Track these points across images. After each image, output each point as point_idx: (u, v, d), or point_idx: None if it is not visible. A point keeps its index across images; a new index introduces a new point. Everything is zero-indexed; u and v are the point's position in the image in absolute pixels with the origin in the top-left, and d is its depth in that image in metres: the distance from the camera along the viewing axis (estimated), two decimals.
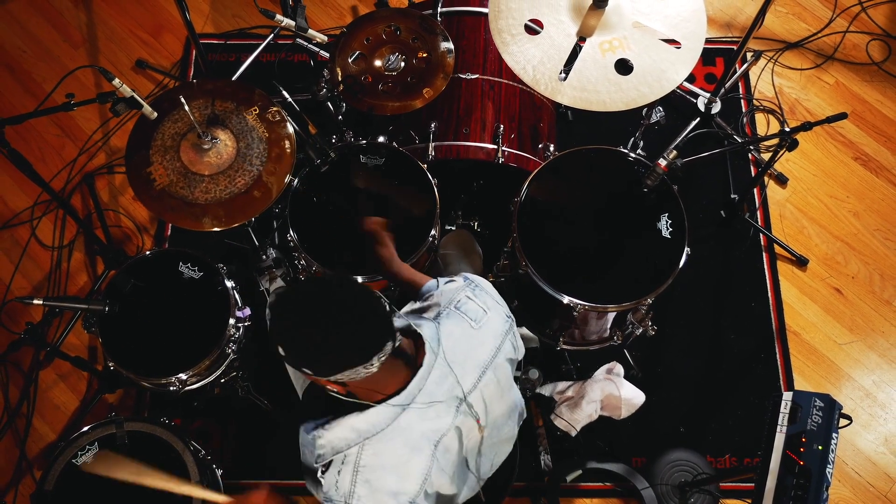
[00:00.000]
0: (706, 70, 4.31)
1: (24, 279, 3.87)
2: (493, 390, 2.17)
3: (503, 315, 2.23)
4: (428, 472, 2.03)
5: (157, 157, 2.88)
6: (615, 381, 3.34)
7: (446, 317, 2.15)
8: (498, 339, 2.19)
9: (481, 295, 2.22)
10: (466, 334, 2.14)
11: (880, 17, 4.42)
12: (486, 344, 2.16)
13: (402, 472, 2.01)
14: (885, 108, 4.22)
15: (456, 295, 2.21)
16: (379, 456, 2.00)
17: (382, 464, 2.00)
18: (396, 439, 2.00)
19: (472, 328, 2.15)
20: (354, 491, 1.99)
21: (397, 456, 2.00)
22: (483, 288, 2.25)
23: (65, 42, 4.40)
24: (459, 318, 2.16)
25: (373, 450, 2.00)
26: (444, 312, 2.17)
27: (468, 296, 2.21)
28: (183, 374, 2.83)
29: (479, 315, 2.18)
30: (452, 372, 2.06)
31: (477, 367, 2.12)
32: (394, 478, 2.00)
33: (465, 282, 2.25)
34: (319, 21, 4.45)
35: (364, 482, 1.99)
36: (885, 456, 3.56)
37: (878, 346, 3.75)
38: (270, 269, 3.48)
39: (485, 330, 2.17)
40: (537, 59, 2.70)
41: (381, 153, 3.06)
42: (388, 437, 1.99)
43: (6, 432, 3.57)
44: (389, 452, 2.00)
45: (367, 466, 1.99)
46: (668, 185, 2.94)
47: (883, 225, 3.97)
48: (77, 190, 4.02)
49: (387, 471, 2.00)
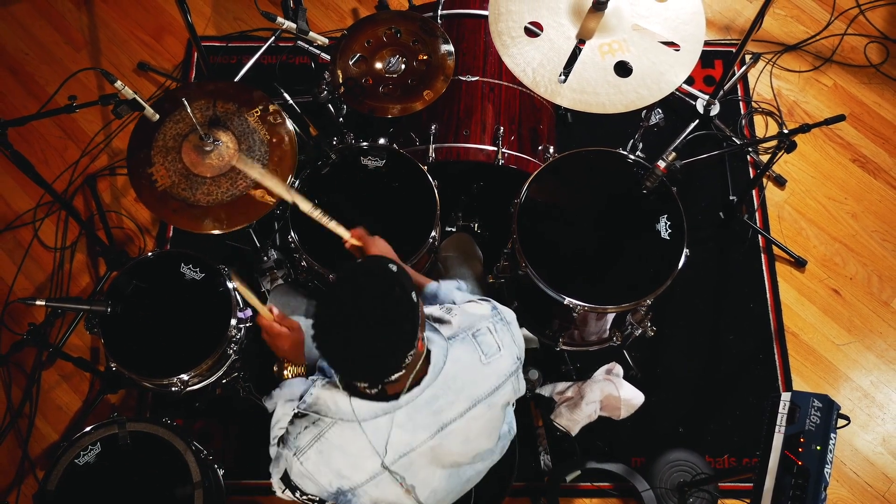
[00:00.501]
0: (705, 72, 4.32)
1: (27, 280, 3.87)
2: (479, 427, 2.16)
3: (514, 356, 2.19)
4: (378, 476, 2.06)
5: (158, 158, 2.88)
6: (614, 381, 3.34)
7: (461, 341, 2.14)
8: (501, 378, 2.16)
9: (502, 330, 2.19)
10: (473, 366, 2.12)
11: (878, 20, 4.43)
12: (488, 381, 2.14)
13: (354, 463, 2.06)
14: (883, 110, 4.22)
15: (478, 323, 2.19)
16: (342, 439, 2.05)
17: (341, 446, 2.05)
18: (366, 435, 2.03)
19: (481, 362, 2.13)
20: (307, 452, 2.06)
21: (358, 448, 2.04)
22: (507, 322, 2.22)
23: (67, 44, 4.40)
24: (473, 347, 2.14)
25: (341, 430, 2.05)
26: (460, 336, 2.15)
27: (489, 328, 2.18)
28: (185, 374, 2.83)
29: (492, 351, 2.15)
30: (444, 397, 2.07)
31: (470, 399, 2.11)
32: (344, 462, 2.06)
33: (492, 312, 2.23)
34: (320, 24, 4.45)
35: (318, 451, 2.06)
36: (882, 456, 3.56)
37: (876, 346, 3.75)
38: (272, 271, 3.48)
39: (492, 367, 2.15)
40: (537, 61, 2.71)
41: (382, 155, 3.06)
42: (359, 429, 2.03)
43: (9, 432, 3.57)
44: (353, 441, 2.04)
45: (328, 441, 2.05)
46: (668, 186, 2.94)
47: (881, 226, 3.97)
48: (79, 191, 4.03)
49: (342, 454, 2.05)
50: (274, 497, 3.43)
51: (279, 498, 3.47)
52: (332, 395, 2.05)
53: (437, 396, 2.06)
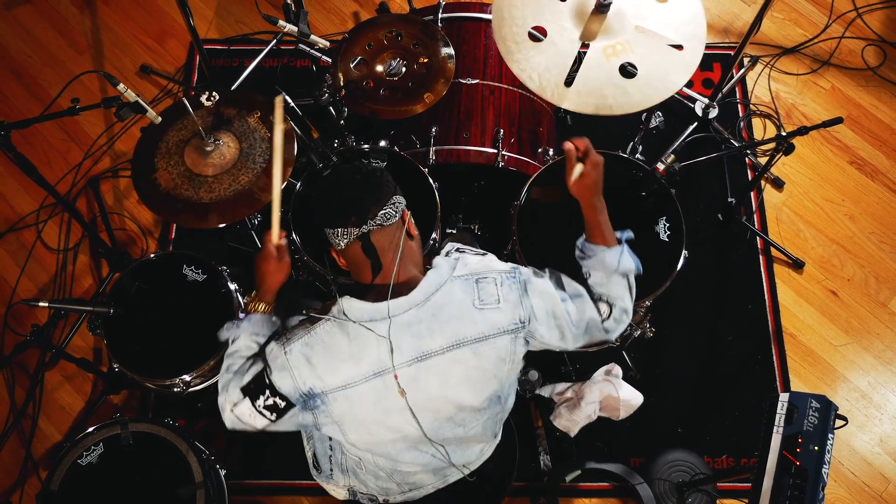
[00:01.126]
0: (704, 75, 4.32)
1: (30, 282, 3.87)
2: (461, 374, 2.13)
3: (516, 316, 2.14)
4: (352, 384, 2.10)
5: (161, 161, 2.89)
6: (614, 382, 3.34)
7: (462, 281, 2.14)
8: (493, 329, 2.12)
9: (510, 287, 2.16)
10: (464, 305, 2.11)
11: (875, 23, 4.43)
12: (477, 326, 2.11)
13: (332, 366, 2.09)
14: (880, 112, 4.22)
15: (488, 273, 2.17)
16: (330, 336, 2.10)
17: (325, 344, 2.10)
18: (349, 337, 2.09)
19: (474, 305, 2.11)
20: (294, 345, 2.12)
21: (339, 349, 2.09)
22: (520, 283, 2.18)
23: (70, 48, 4.40)
24: (471, 290, 2.13)
25: (329, 328, 2.11)
26: (464, 277, 2.15)
27: (496, 279, 2.16)
28: (187, 375, 2.84)
29: (489, 300, 2.13)
30: (427, 323, 2.08)
31: (453, 336, 2.09)
32: (323, 362, 2.09)
33: (510, 269, 2.20)
34: (322, 27, 4.45)
35: (304, 343, 2.12)
36: (880, 456, 3.56)
37: (874, 347, 3.75)
38: None
39: (485, 314, 2.12)
40: (542, 65, 2.70)
41: (383, 157, 3.06)
42: (345, 330, 2.09)
43: (12, 433, 3.57)
44: (337, 342, 2.09)
45: (316, 335, 2.12)
46: (667, 188, 2.94)
47: (878, 228, 3.97)
48: (82, 193, 4.03)
49: (325, 353, 2.10)
50: (276, 497, 3.45)
51: (282, 499, 3.49)
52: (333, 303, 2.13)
53: (421, 320, 2.07)
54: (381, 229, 2.08)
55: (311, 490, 3.42)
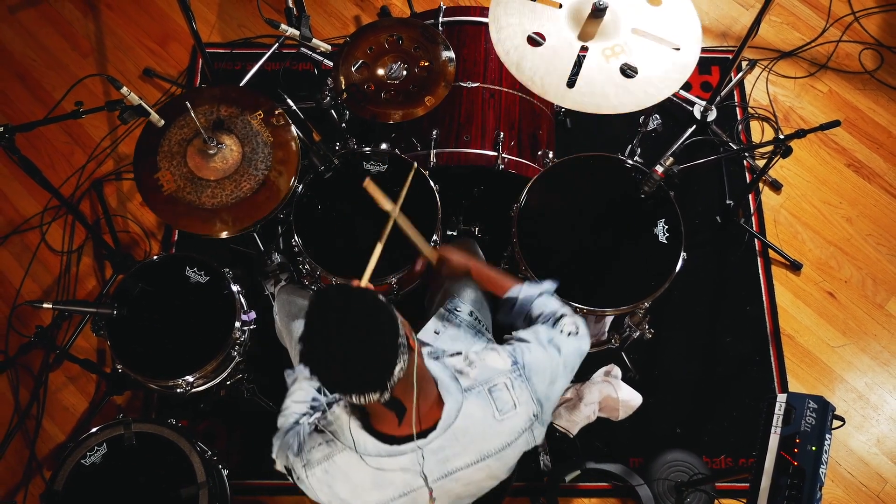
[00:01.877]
0: (702, 78, 4.32)
1: (34, 283, 3.87)
2: (486, 474, 2.14)
3: (530, 413, 2.14)
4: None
5: (164, 163, 2.89)
6: (613, 383, 3.35)
7: (476, 395, 2.10)
8: (513, 435, 2.12)
9: (520, 386, 2.14)
10: (485, 422, 2.09)
11: (873, 27, 4.43)
12: (500, 437, 2.11)
13: (356, 493, 2.07)
14: (877, 115, 4.22)
15: (496, 377, 2.14)
16: (350, 466, 2.05)
17: (347, 473, 2.06)
18: (370, 470, 2.04)
19: (495, 418, 2.10)
20: (315, 469, 2.08)
21: (360, 479, 2.05)
22: (528, 378, 2.16)
23: (74, 51, 4.41)
24: (487, 402, 2.11)
25: (349, 458, 2.04)
26: (476, 390, 2.11)
27: (506, 383, 2.13)
28: (189, 376, 2.84)
29: (507, 408, 2.11)
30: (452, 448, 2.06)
31: (479, 453, 2.09)
32: (346, 489, 2.07)
33: (512, 367, 2.17)
34: (323, 31, 4.45)
35: (325, 470, 2.07)
36: (877, 456, 3.56)
37: (871, 348, 3.75)
38: (275, 274, 3.48)
39: (505, 424, 2.11)
40: (543, 69, 2.71)
41: (384, 160, 3.07)
42: (366, 462, 2.04)
43: (17, 433, 3.57)
44: (358, 472, 2.05)
45: (335, 464, 2.06)
46: (665, 191, 2.94)
47: (875, 230, 3.97)
48: (86, 196, 4.03)
49: (346, 480, 2.06)
50: (278, 497, 3.45)
51: (284, 498, 3.49)
52: (347, 423, 2.05)
53: (444, 447, 2.05)
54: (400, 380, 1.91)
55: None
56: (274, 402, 3.46)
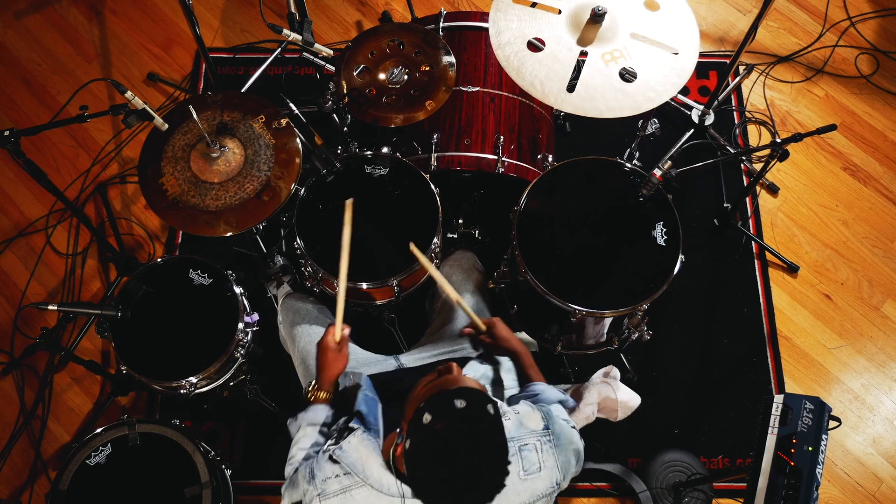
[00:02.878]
0: (700, 83, 4.32)
1: (40, 285, 3.87)
2: None
3: (553, 480, 2.17)
4: None
5: (168, 167, 2.89)
6: (612, 384, 3.34)
7: None
8: (533, 497, 2.14)
9: (548, 451, 2.17)
10: (510, 478, 2.04)
11: (868, 32, 4.43)
12: (521, 497, 2.12)
13: None
14: (873, 119, 4.22)
15: (527, 437, 2.18)
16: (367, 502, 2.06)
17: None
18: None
19: (519, 477, 2.12)
20: (331, 500, 2.07)
21: None
22: (555, 444, 2.20)
23: (79, 56, 4.41)
24: (515, 459, 2.13)
25: (367, 494, 2.05)
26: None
27: (536, 446, 2.17)
28: (193, 377, 2.83)
29: (532, 469, 2.14)
30: None
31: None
32: None
33: (544, 430, 2.21)
34: (325, 35, 4.46)
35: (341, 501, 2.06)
36: (873, 457, 3.56)
37: (867, 350, 3.75)
38: (278, 276, 3.49)
39: (528, 484, 2.13)
40: (543, 74, 2.71)
41: (386, 163, 3.07)
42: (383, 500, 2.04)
43: (22, 434, 3.58)
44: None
45: (353, 499, 2.06)
46: (664, 194, 2.94)
47: (871, 233, 3.97)
48: (90, 199, 4.04)
49: None
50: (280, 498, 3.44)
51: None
52: (368, 458, 2.08)
53: None
54: None
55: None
56: (276, 402, 3.46)
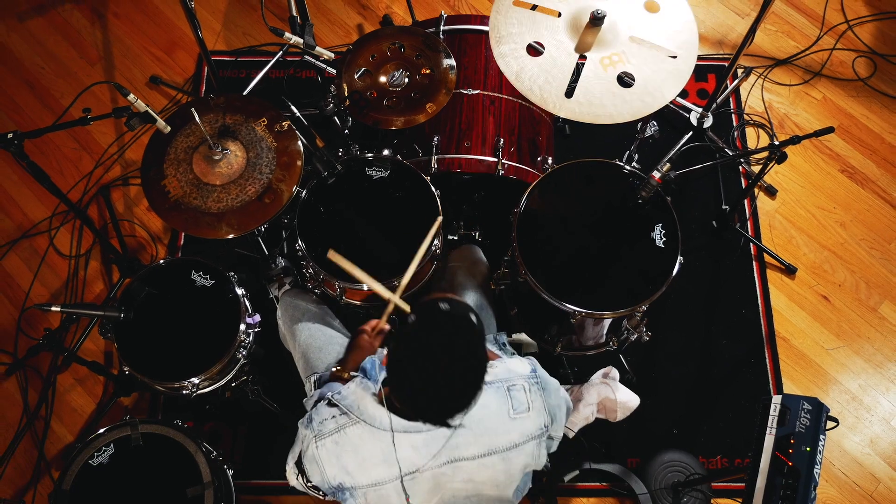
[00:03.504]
0: (699, 86, 4.33)
1: (43, 287, 3.88)
2: (488, 476, 2.16)
3: (541, 422, 2.19)
4: (382, 483, 2.10)
5: (170, 169, 2.89)
6: (611, 384, 3.34)
7: (494, 389, 2.16)
8: (523, 437, 2.16)
9: (536, 393, 2.19)
10: (499, 416, 2.14)
11: (866, 35, 4.44)
12: (510, 435, 2.14)
13: (363, 465, 2.09)
14: (870, 122, 4.23)
15: (515, 379, 2.20)
16: (360, 439, 2.08)
17: (357, 446, 2.08)
18: (381, 443, 2.06)
19: (509, 416, 2.14)
20: (325, 440, 2.10)
21: (369, 452, 2.08)
22: (542, 388, 2.22)
23: (82, 59, 4.41)
24: (504, 399, 2.16)
25: (361, 431, 2.08)
26: (495, 385, 2.17)
27: (524, 386, 2.19)
28: (195, 378, 2.84)
29: (521, 408, 2.16)
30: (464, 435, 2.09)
31: (487, 447, 2.12)
32: (354, 462, 2.09)
33: (531, 373, 2.24)
34: (326, 39, 4.46)
35: (335, 442, 2.10)
36: (870, 457, 3.56)
37: (864, 351, 3.75)
38: (280, 277, 3.49)
39: (517, 423, 2.15)
40: (542, 78, 2.71)
41: (386, 166, 3.07)
42: (376, 434, 2.07)
43: (25, 434, 3.58)
44: (367, 445, 2.08)
45: (346, 436, 2.10)
46: (662, 196, 2.94)
47: (868, 235, 3.97)
48: (93, 201, 4.04)
49: (354, 453, 2.09)
50: (282, 497, 3.45)
51: (288, 498, 3.49)
52: (363, 398, 2.10)
53: (457, 434, 2.08)
54: None
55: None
56: (278, 403, 3.46)
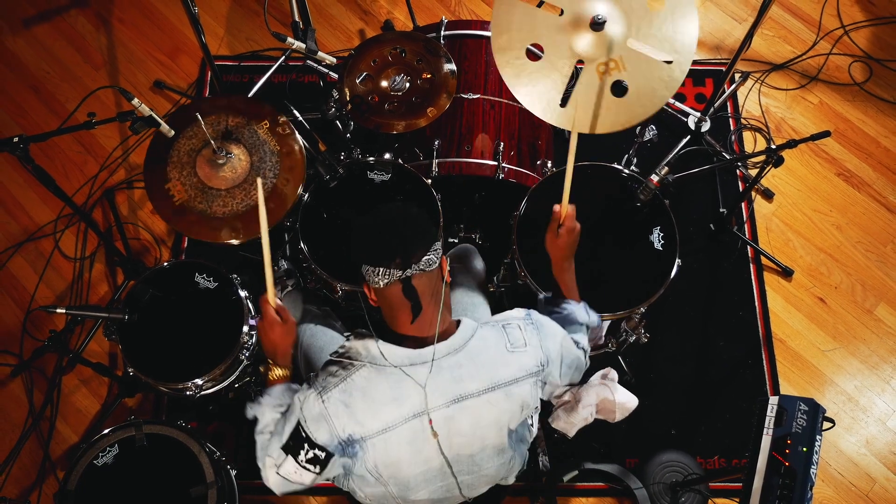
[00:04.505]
0: (696, 90, 4.33)
1: (48, 289, 3.88)
2: (492, 414, 2.17)
3: (538, 358, 2.22)
4: (392, 427, 2.09)
5: (174, 173, 2.89)
6: (610, 385, 3.33)
7: (490, 327, 2.20)
8: (522, 371, 2.18)
9: (531, 331, 2.23)
10: (498, 349, 2.16)
11: (862, 40, 4.44)
12: (510, 368, 2.16)
13: (373, 410, 2.08)
14: (866, 126, 4.23)
15: (509, 319, 2.25)
16: (368, 382, 2.09)
17: (364, 390, 2.08)
18: (389, 382, 2.08)
19: (507, 349, 2.17)
20: (332, 391, 2.09)
21: (380, 393, 2.08)
22: (537, 327, 2.26)
23: (86, 64, 4.42)
24: (500, 334, 2.19)
25: (367, 373, 2.10)
26: (490, 323, 2.21)
27: (519, 325, 2.23)
28: (199, 379, 2.84)
29: (518, 343, 2.19)
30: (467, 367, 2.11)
31: (490, 380, 2.13)
32: (363, 407, 2.08)
33: (525, 315, 2.28)
34: (328, 44, 4.46)
35: (342, 390, 2.09)
36: (866, 457, 3.56)
37: (860, 352, 3.75)
38: (282, 279, 3.49)
39: (516, 356, 2.18)
40: (540, 84, 2.71)
41: (388, 169, 3.07)
42: (384, 375, 2.09)
43: (31, 434, 3.58)
44: (376, 386, 2.08)
45: (353, 382, 2.10)
46: (661, 199, 2.95)
47: (864, 237, 3.98)
48: (98, 204, 4.04)
49: (363, 397, 2.08)
50: (284, 497, 3.44)
51: (289, 498, 3.49)
52: (364, 343, 2.12)
53: (461, 364, 2.10)
54: (423, 274, 2.06)
55: (318, 489, 3.43)
56: None
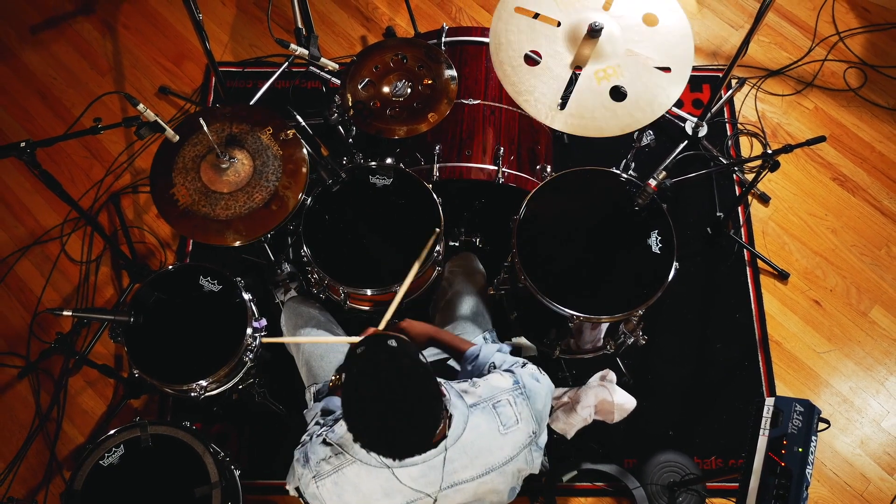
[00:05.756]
0: (693, 96, 4.33)
1: (55, 292, 3.88)
2: (489, 489, 2.17)
3: (530, 430, 2.20)
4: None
5: (179, 178, 2.90)
6: (608, 387, 3.34)
7: (481, 410, 2.16)
8: (516, 449, 2.17)
9: (521, 403, 2.20)
10: (490, 435, 2.14)
11: (857, 47, 4.44)
12: (504, 451, 2.16)
13: (365, 501, 2.10)
14: (861, 131, 4.23)
15: (498, 395, 2.21)
16: (358, 477, 2.09)
17: (356, 484, 2.09)
18: (380, 479, 2.07)
19: (499, 432, 2.15)
20: (325, 480, 2.10)
21: (370, 488, 2.08)
22: (528, 396, 2.23)
23: (92, 70, 4.42)
24: (492, 417, 2.16)
25: (358, 470, 2.08)
26: (481, 405, 2.17)
27: (509, 400, 2.20)
28: (203, 380, 2.83)
29: (510, 422, 2.17)
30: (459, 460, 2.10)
31: (484, 466, 2.13)
32: (356, 499, 2.10)
33: (514, 385, 2.24)
34: (331, 50, 4.47)
35: (335, 482, 2.10)
36: (861, 457, 3.56)
37: (855, 354, 3.75)
38: (285, 283, 3.49)
39: (509, 437, 2.17)
40: (538, 89, 2.71)
41: (389, 174, 3.07)
42: (373, 472, 2.07)
43: (38, 435, 3.58)
44: (366, 483, 2.08)
45: (345, 476, 2.10)
46: (658, 203, 2.95)
47: (859, 241, 3.98)
48: (104, 208, 4.04)
49: (355, 491, 2.09)
50: (287, 497, 3.45)
51: (292, 498, 3.49)
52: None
53: (453, 460, 2.08)
54: None
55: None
56: (283, 405, 3.47)
